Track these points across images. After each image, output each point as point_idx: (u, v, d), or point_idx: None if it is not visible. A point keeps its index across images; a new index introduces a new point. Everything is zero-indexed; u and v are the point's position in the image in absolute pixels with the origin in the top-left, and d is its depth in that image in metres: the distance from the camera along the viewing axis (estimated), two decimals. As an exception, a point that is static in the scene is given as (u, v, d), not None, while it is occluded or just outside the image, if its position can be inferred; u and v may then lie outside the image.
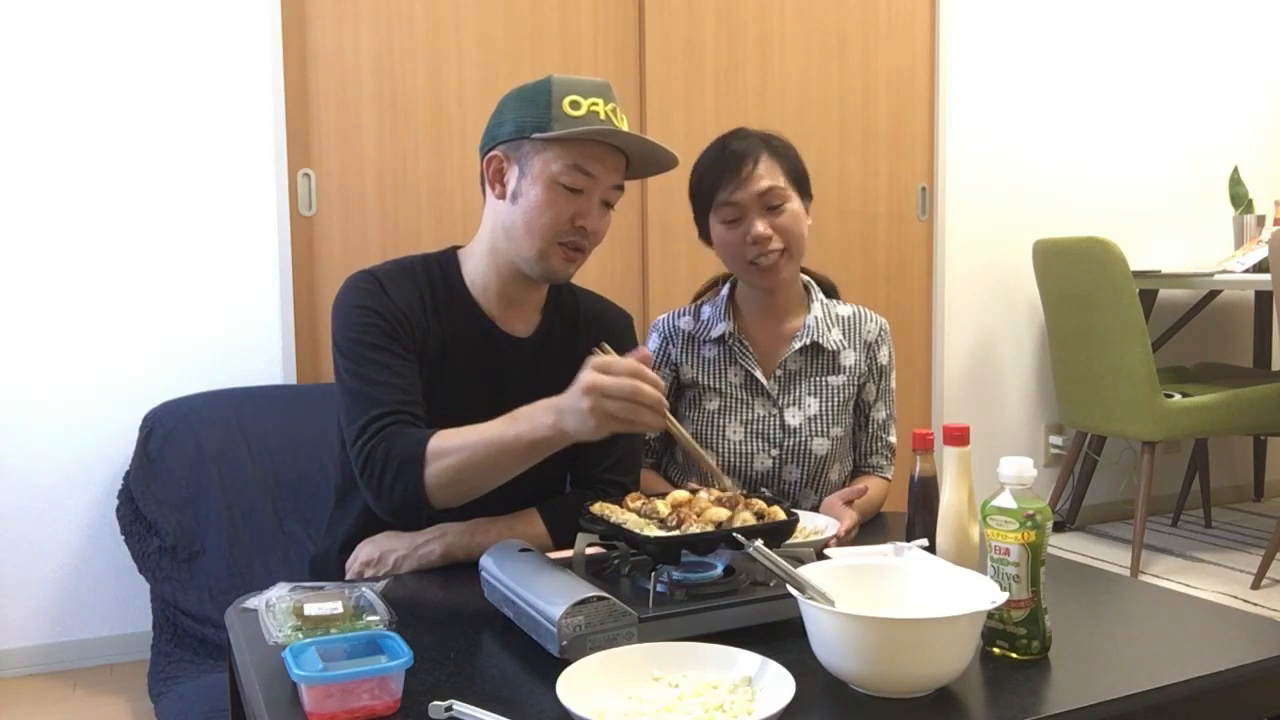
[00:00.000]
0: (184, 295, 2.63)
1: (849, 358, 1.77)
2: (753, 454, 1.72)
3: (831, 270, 3.36)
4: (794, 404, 1.74)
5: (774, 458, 1.72)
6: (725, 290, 1.80)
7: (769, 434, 1.72)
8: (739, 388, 1.74)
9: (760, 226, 1.64)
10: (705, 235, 1.74)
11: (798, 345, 1.74)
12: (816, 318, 1.76)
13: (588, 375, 1.18)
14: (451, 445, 1.30)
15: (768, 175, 1.65)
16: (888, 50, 3.39)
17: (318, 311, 2.74)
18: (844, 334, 1.78)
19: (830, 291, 1.86)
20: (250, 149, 2.65)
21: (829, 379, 1.76)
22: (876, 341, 1.80)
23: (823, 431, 1.73)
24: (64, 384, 2.54)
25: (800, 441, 1.72)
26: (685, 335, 1.78)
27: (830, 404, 1.75)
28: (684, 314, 1.81)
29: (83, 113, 2.52)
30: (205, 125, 2.62)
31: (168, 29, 2.57)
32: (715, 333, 1.75)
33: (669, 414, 1.21)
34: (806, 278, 1.83)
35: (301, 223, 2.73)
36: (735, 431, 1.72)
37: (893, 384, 1.83)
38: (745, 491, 1.29)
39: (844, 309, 1.81)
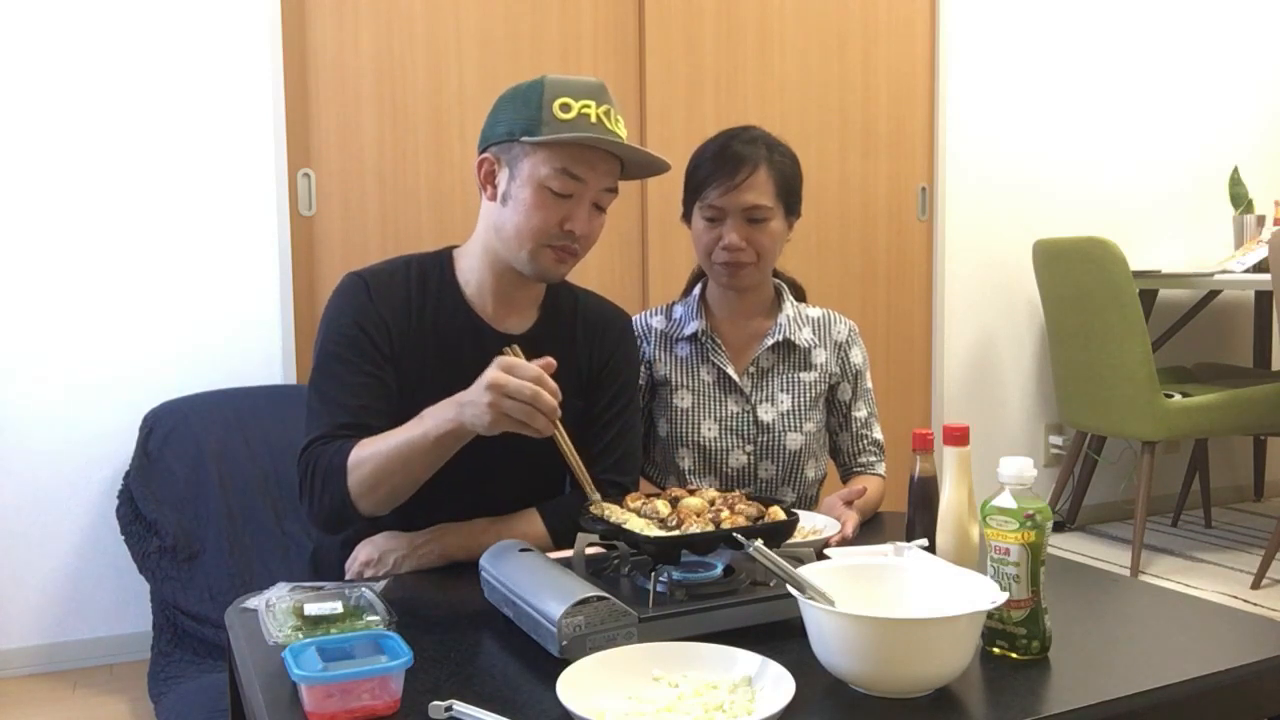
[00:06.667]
0: (184, 295, 2.63)
1: (820, 355, 1.79)
2: (727, 450, 1.74)
3: (831, 270, 3.42)
4: (766, 400, 1.76)
5: (749, 454, 1.74)
6: (697, 290, 1.82)
7: (742, 430, 1.74)
8: (712, 385, 1.76)
9: (735, 237, 1.67)
10: (687, 218, 1.76)
11: (770, 342, 1.76)
12: (789, 316, 1.78)
13: (492, 373, 1.20)
14: (367, 453, 1.32)
15: (757, 190, 1.66)
16: (888, 50, 3.39)
17: (317, 311, 2.71)
18: (814, 333, 1.81)
19: (799, 295, 1.88)
20: (250, 149, 2.65)
21: (801, 375, 1.78)
22: (847, 342, 1.82)
23: (795, 426, 1.75)
24: (64, 384, 2.54)
25: (774, 437, 1.74)
26: (658, 334, 1.80)
27: (802, 400, 1.77)
28: (656, 313, 1.83)
29: (83, 113, 2.52)
30: (205, 125, 2.62)
31: (168, 29, 2.57)
32: (687, 331, 1.77)
33: (559, 423, 1.24)
34: (777, 280, 1.84)
35: (301, 223, 2.73)
36: (709, 428, 1.74)
37: (869, 383, 1.85)
38: (747, 491, 1.29)
39: (814, 311, 1.84)
